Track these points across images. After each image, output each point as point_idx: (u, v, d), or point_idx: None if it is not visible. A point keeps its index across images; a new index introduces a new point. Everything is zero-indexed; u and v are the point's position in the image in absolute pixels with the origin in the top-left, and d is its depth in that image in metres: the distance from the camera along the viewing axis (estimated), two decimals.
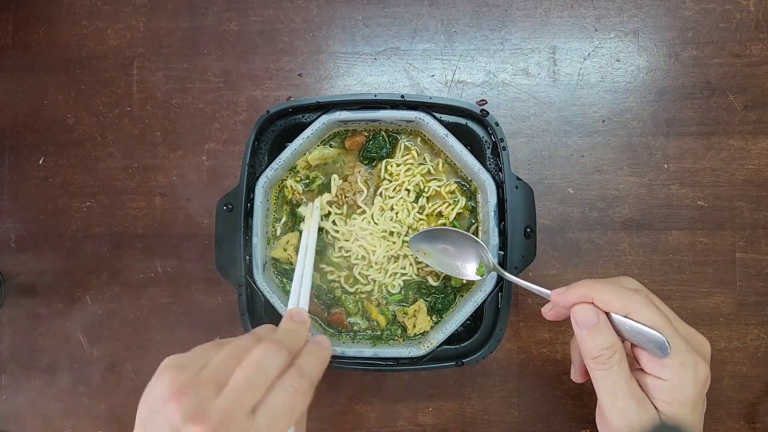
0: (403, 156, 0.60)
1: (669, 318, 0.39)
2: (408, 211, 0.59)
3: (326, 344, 0.45)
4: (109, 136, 0.66)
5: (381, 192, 0.59)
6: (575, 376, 0.46)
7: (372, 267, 0.59)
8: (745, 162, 0.64)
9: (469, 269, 0.54)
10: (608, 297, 0.39)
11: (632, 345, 0.40)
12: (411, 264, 0.59)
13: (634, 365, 0.41)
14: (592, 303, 0.40)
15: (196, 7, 0.66)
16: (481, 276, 0.54)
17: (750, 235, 0.63)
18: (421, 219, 0.59)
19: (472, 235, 0.54)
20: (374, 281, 0.59)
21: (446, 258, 0.55)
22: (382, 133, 0.59)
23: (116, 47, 0.66)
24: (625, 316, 0.39)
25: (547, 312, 0.46)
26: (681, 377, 0.39)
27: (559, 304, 0.42)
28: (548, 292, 0.43)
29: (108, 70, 0.66)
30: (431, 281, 0.59)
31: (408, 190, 0.59)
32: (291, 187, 0.60)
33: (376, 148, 0.59)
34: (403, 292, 0.59)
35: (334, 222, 0.59)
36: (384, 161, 0.60)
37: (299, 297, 0.51)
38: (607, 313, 0.40)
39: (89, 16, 0.67)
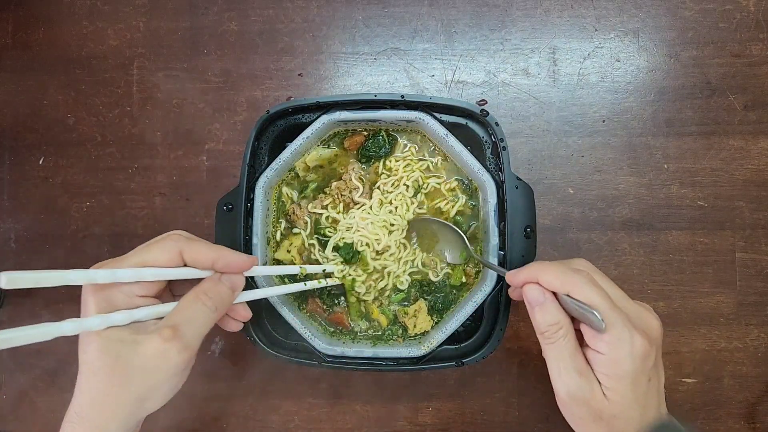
0: (402, 152, 0.60)
1: (609, 296, 0.42)
2: (407, 206, 0.59)
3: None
4: (109, 136, 0.66)
5: (379, 186, 0.59)
6: (512, 292, 0.50)
7: (385, 257, 0.58)
8: (745, 162, 0.64)
9: (447, 255, 0.59)
10: (550, 277, 0.43)
11: (580, 322, 0.43)
12: (417, 249, 0.59)
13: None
14: (538, 283, 0.44)
15: (196, 7, 0.66)
16: (464, 260, 0.58)
17: (750, 235, 0.63)
18: (421, 214, 0.59)
19: (450, 225, 0.57)
20: (389, 274, 0.58)
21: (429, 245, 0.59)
22: (382, 132, 0.59)
23: (116, 47, 0.66)
24: (567, 295, 0.42)
25: (512, 292, 0.50)
26: (617, 351, 0.41)
27: (513, 284, 0.46)
28: (505, 271, 0.48)
29: (108, 70, 0.66)
30: (431, 276, 0.59)
31: (407, 185, 0.59)
32: (287, 194, 0.60)
33: (375, 147, 0.59)
34: (407, 290, 0.59)
35: (328, 218, 0.59)
36: (381, 161, 0.60)
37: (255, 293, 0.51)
38: (555, 293, 0.43)
39: (89, 16, 0.67)
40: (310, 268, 0.57)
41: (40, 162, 0.66)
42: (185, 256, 0.43)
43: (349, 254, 0.57)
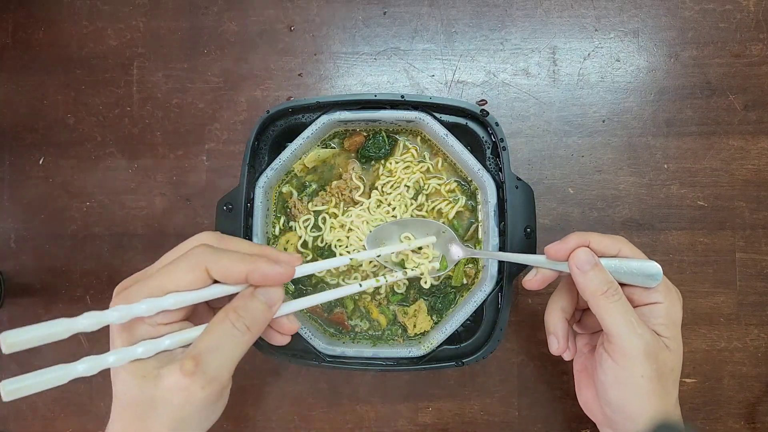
0: (402, 154, 0.60)
1: None
2: (405, 206, 0.59)
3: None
4: (109, 136, 0.66)
5: (378, 187, 0.59)
6: (558, 346, 0.47)
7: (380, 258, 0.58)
8: (745, 162, 0.64)
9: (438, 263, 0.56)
10: (600, 239, 0.44)
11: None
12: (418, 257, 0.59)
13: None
14: (587, 247, 0.44)
15: (196, 7, 0.66)
16: (444, 269, 0.55)
17: (750, 235, 0.63)
18: (419, 215, 0.59)
19: (437, 222, 0.56)
20: (384, 277, 0.58)
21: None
22: (382, 133, 0.59)
23: (116, 47, 0.66)
24: (615, 255, 0.44)
25: (532, 279, 0.48)
26: (671, 298, 0.43)
27: (558, 257, 0.45)
28: (539, 258, 0.47)
29: (108, 70, 0.66)
30: (432, 281, 0.59)
31: (408, 186, 0.59)
32: (288, 191, 0.60)
33: (375, 148, 0.59)
34: (405, 291, 0.59)
35: (324, 219, 0.59)
36: (382, 161, 0.60)
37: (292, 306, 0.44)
38: None
39: (89, 16, 0.67)
40: (362, 255, 0.51)
41: (40, 162, 0.66)
42: (213, 273, 0.37)
43: (321, 252, 0.58)
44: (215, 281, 0.39)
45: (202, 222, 0.64)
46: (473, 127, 0.58)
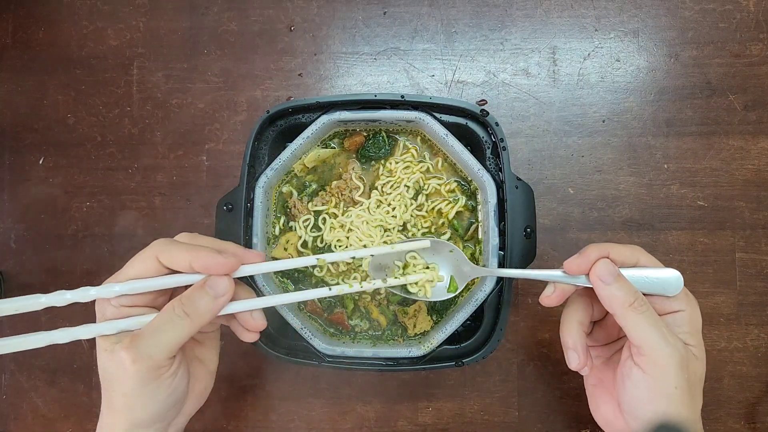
0: (402, 154, 0.60)
1: None
2: (405, 207, 0.59)
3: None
4: (109, 136, 0.66)
5: (378, 187, 0.59)
6: (578, 361, 0.45)
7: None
8: (745, 162, 0.64)
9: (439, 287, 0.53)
10: (619, 249, 0.43)
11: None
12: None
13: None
14: (608, 258, 0.43)
15: (196, 7, 0.66)
16: (454, 292, 0.52)
17: (750, 235, 0.63)
18: (419, 216, 0.59)
19: (446, 242, 0.52)
20: (360, 283, 0.58)
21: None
22: (383, 133, 0.59)
23: (116, 47, 0.66)
24: (634, 265, 0.43)
25: (550, 295, 0.45)
26: (692, 305, 0.43)
27: (578, 271, 0.43)
28: (555, 273, 0.44)
29: (108, 70, 0.66)
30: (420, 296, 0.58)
31: (407, 186, 0.59)
32: (288, 191, 0.60)
33: (375, 148, 0.59)
34: None
35: (324, 219, 0.59)
36: (382, 161, 0.60)
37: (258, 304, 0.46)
38: None
39: (89, 16, 0.67)
40: (330, 257, 0.48)
41: (40, 162, 0.66)
42: (162, 261, 0.41)
43: (320, 252, 0.58)
44: (174, 271, 0.42)
45: (202, 222, 0.64)
46: (473, 127, 0.58)
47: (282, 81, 0.66)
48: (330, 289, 0.48)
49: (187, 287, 0.42)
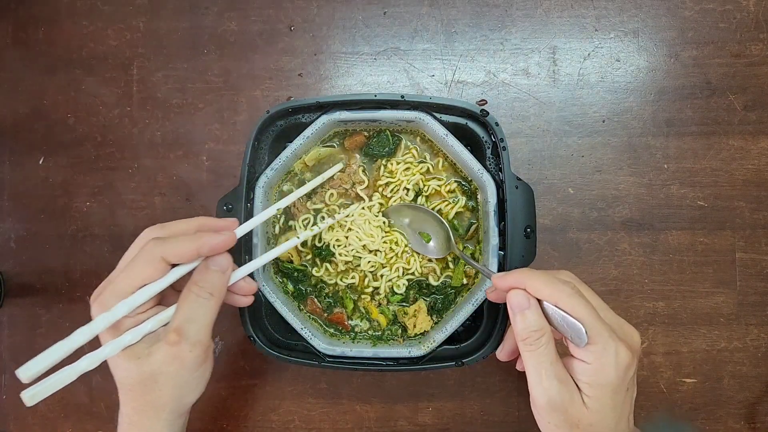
0: (403, 155, 0.60)
1: (595, 308, 0.42)
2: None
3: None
4: (109, 136, 0.66)
5: (379, 189, 0.59)
6: (500, 354, 0.50)
7: (378, 257, 0.58)
8: (745, 162, 0.64)
9: (434, 248, 0.58)
10: (538, 285, 0.43)
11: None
12: (416, 260, 0.59)
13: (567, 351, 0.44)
14: (525, 290, 0.44)
15: (196, 7, 0.66)
16: (445, 253, 0.57)
17: (750, 235, 0.63)
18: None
19: (436, 214, 0.57)
20: (382, 277, 0.58)
21: (416, 235, 0.59)
22: (386, 131, 0.59)
23: (116, 47, 0.66)
24: (554, 305, 0.42)
25: (490, 293, 0.49)
26: (603, 361, 0.41)
27: (498, 287, 0.46)
28: (491, 273, 0.48)
29: (108, 70, 0.66)
30: (432, 280, 0.59)
31: (407, 189, 0.59)
32: (289, 190, 0.60)
33: (379, 146, 0.59)
34: (405, 292, 0.59)
35: (323, 218, 0.59)
36: (383, 160, 0.60)
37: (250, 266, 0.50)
38: (540, 301, 0.43)
39: (89, 16, 0.67)
40: (283, 202, 0.54)
41: (40, 162, 0.66)
42: (169, 259, 0.43)
43: (319, 251, 0.58)
44: (173, 265, 0.45)
45: None
46: (473, 127, 0.58)
47: (282, 81, 0.66)
48: (298, 238, 0.54)
49: (187, 277, 0.45)
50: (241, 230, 0.49)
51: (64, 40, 0.67)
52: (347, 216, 0.58)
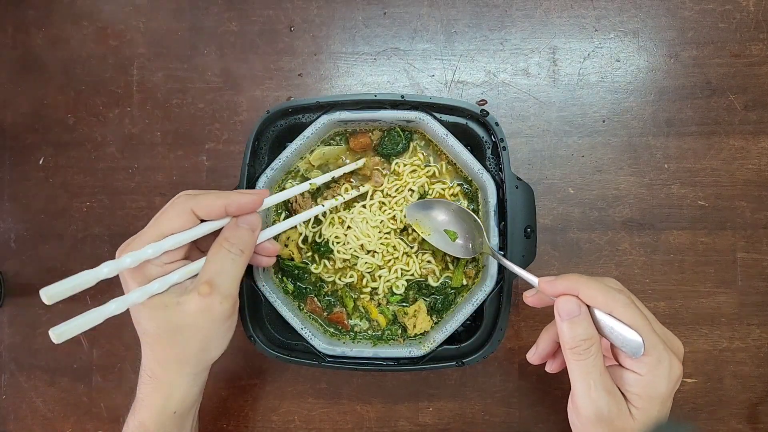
0: (410, 157, 0.60)
1: (648, 319, 0.42)
2: None
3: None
4: (109, 136, 0.66)
5: (383, 189, 0.59)
6: (532, 358, 0.50)
7: (375, 258, 0.58)
8: (746, 162, 0.63)
9: (462, 247, 0.56)
10: (593, 293, 0.42)
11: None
12: (414, 262, 0.59)
13: (609, 360, 0.43)
14: (577, 296, 0.42)
15: (196, 7, 0.66)
16: (475, 253, 0.56)
17: (751, 234, 0.63)
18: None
19: (470, 212, 0.56)
20: (380, 278, 0.58)
21: (440, 233, 0.57)
22: (397, 128, 0.59)
23: (116, 47, 0.66)
24: (608, 314, 0.41)
25: (529, 297, 0.48)
26: (656, 373, 0.41)
27: (546, 293, 0.44)
28: (536, 279, 0.45)
29: (108, 70, 0.66)
30: (431, 281, 0.59)
31: (412, 191, 0.59)
32: (291, 185, 0.60)
33: (391, 144, 0.59)
34: (404, 292, 0.59)
35: (325, 213, 0.59)
36: (395, 162, 0.59)
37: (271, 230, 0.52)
38: (588, 308, 0.42)
39: (89, 16, 0.67)
40: (320, 179, 0.56)
41: (40, 162, 0.66)
42: (197, 212, 0.44)
43: (318, 247, 0.58)
44: (202, 221, 0.45)
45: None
46: (473, 127, 0.58)
47: (282, 81, 0.66)
48: (323, 205, 0.56)
49: (214, 234, 0.46)
50: (270, 200, 0.51)
51: (64, 40, 0.67)
52: (348, 213, 0.58)
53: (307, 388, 0.63)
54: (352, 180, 0.60)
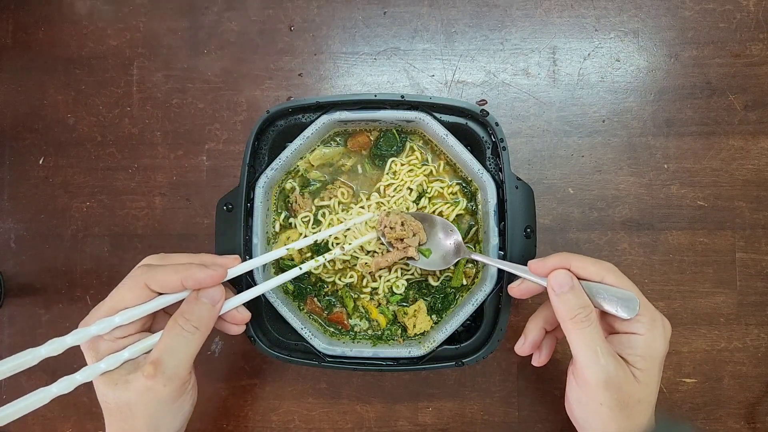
0: (407, 156, 0.60)
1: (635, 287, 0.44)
2: (407, 209, 0.59)
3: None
4: (109, 136, 0.66)
5: (381, 188, 0.59)
6: (522, 348, 0.50)
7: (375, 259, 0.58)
8: (745, 162, 0.64)
9: (442, 258, 0.56)
10: (584, 263, 0.44)
11: (601, 312, 0.44)
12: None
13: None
14: (568, 270, 0.44)
15: (196, 7, 0.66)
16: (447, 265, 0.55)
17: (750, 235, 0.63)
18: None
19: (440, 217, 0.56)
20: (380, 277, 0.58)
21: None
22: (393, 130, 0.59)
23: (116, 47, 0.66)
24: (600, 281, 0.43)
25: (515, 288, 0.49)
26: (654, 332, 0.42)
27: (538, 272, 0.46)
28: (524, 267, 0.47)
29: (108, 70, 0.66)
30: (431, 281, 0.59)
31: (410, 189, 0.59)
32: (290, 186, 0.60)
33: (386, 146, 0.59)
34: (404, 292, 0.59)
35: (325, 214, 0.59)
36: (390, 159, 0.60)
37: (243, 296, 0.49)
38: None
39: (89, 16, 0.67)
40: (299, 243, 0.53)
41: (40, 162, 0.66)
42: (152, 287, 0.43)
43: (318, 248, 0.59)
44: (161, 293, 0.44)
45: (202, 222, 0.64)
46: (473, 127, 0.58)
47: (282, 81, 0.66)
48: (300, 269, 0.52)
49: (172, 306, 0.45)
50: (239, 270, 0.48)
51: (64, 40, 0.67)
52: (347, 214, 0.58)
53: (307, 388, 0.63)
54: (352, 187, 0.60)
